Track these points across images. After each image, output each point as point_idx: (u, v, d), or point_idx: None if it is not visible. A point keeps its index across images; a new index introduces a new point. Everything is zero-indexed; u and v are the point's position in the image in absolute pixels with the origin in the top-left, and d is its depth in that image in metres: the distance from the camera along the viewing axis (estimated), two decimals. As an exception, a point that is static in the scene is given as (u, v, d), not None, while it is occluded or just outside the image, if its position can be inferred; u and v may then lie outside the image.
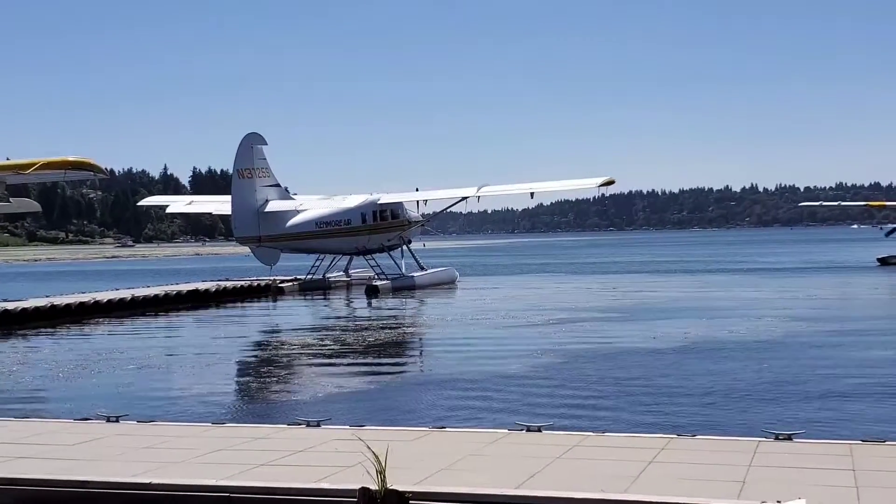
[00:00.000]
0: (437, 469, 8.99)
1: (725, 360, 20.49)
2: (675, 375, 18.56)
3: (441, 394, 17.17)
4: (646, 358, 21.11)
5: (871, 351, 21.85)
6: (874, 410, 14.77)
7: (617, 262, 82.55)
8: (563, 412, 14.92)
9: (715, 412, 14.83)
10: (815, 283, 48.59)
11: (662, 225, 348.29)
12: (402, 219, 52.72)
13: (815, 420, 13.87)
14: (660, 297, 41.02)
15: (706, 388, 16.93)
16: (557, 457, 9.52)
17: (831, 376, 18.02)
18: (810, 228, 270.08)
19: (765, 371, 18.83)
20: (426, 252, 59.00)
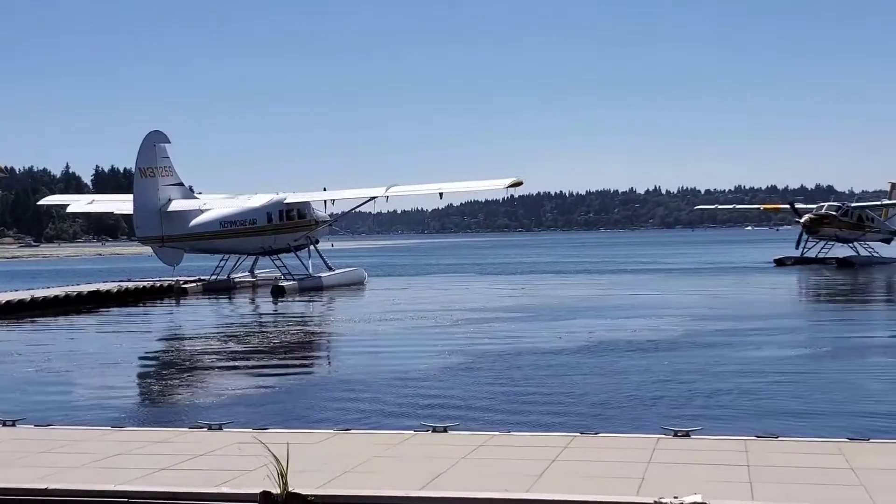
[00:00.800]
0: (341, 471, 8.95)
1: (629, 359, 20.85)
2: (581, 374, 18.81)
3: (347, 395, 17.10)
4: (552, 358, 21.34)
5: (768, 349, 22.46)
6: (769, 407, 15.17)
7: (525, 263, 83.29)
8: (470, 412, 15.00)
9: (617, 410, 15.07)
10: (716, 283, 49.77)
11: (570, 226, 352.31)
12: (309, 218, 52.35)
13: (713, 417, 14.20)
14: (566, 297, 41.52)
15: (610, 387, 17.20)
16: (463, 457, 9.56)
17: (729, 374, 18.46)
18: (710, 230, 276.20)
19: (665, 369, 19.21)
20: (334, 252, 58.77)
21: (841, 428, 12.77)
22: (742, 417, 14.28)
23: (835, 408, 15.04)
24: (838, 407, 15.11)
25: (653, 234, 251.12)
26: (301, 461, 8.86)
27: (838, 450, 9.69)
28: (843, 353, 21.46)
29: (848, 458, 9.28)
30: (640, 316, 30.93)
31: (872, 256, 66.13)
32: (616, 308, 34.43)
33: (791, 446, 10.03)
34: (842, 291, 43.91)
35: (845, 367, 19.23)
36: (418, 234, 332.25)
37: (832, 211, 64.92)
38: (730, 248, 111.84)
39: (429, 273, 68.58)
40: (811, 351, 21.98)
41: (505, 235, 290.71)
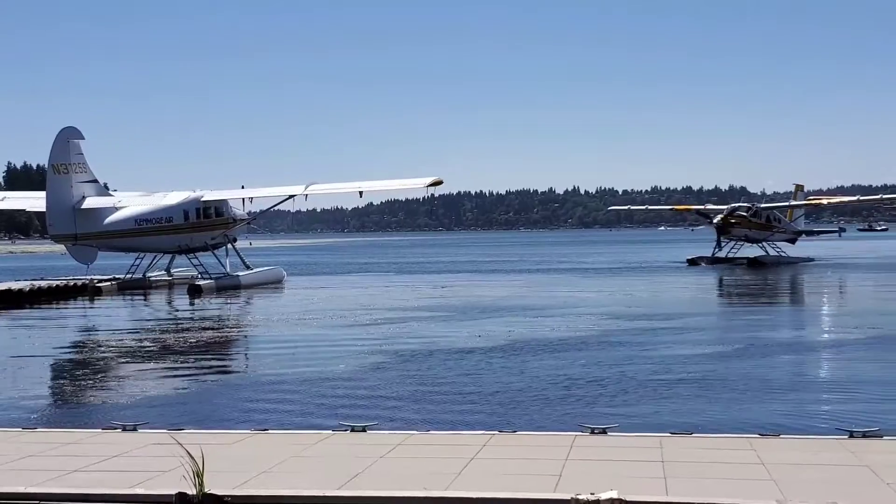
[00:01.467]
0: (258, 472, 8.86)
1: (547, 358, 21.04)
2: (500, 373, 18.92)
3: (265, 395, 16.94)
4: (471, 356, 21.42)
5: (682, 348, 22.85)
6: (683, 404, 15.44)
7: (444, 262, 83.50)
8: (389, 412, 14.99)
9: (536, 408, 15.19)
10: (631, 282, 50.52)
11: (490, 225, 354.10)
12: (227, 216, 51.78)
13: (630, 414, 14.40)
14: (485, 296, 41.72)
15: (528, 385, 17.33)
16: (381, 456, 9.54)
17: (645, 372, 18.74)
18: (628, 230, 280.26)
19: (583, 367, 19.43)
20: (252, 251, 58.17)
21: (752, 424, 13.05)
22: (658, 414, 14.50)
23: (746, 404, 15.36)
24: (749, 403, 15.43)
25: (571, 234, 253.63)
26: (217, 462, 8.76)
27: (749, 445, 9.91)
28: (754, 350, 21.93)
29: (759, 453, 9.50)
30: (557, 315, 31.23)
31: (781, 256, 67.84)
32: (534, 307, 34.72)
33: (704, 442, 10.23)
34: (755, 290, 44.90)
35: (757, 365, 19.65)
36: (338, 233, 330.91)
37: (742, 212, 66.44)
38: (646, 247, 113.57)
39: (348, 272, 68.32)
40: (724, 349, 22.42)
41: (425, 234, 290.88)
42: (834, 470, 8.81)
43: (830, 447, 9.81)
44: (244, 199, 52.26)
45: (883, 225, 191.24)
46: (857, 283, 47.74)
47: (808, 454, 9.48)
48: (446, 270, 68.07)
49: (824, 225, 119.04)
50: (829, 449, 9.72)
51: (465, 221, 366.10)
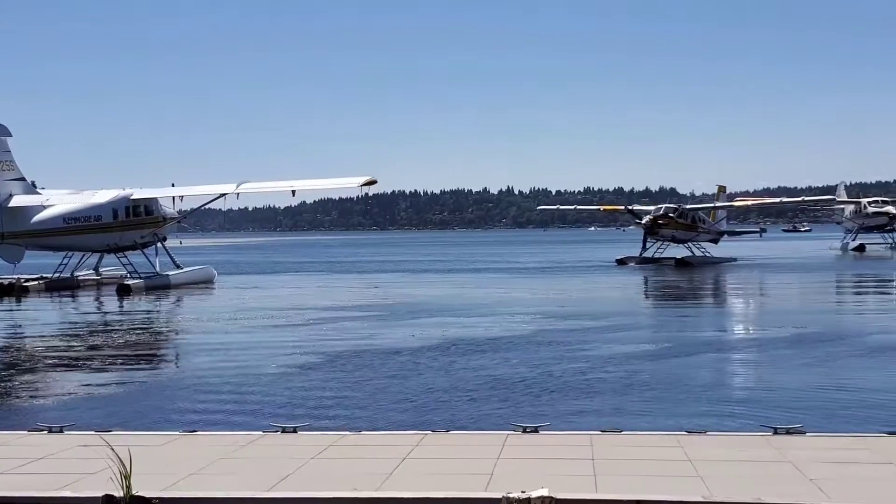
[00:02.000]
0: (187, 474, 8.76)
1: (481, 357, 21.12)
2: (433, 372, 18.95)
3: (194, 396, 16.75)
4: (405, 356, 21.41)
5: (613, 346, 23.10)
6: (614, 401, 15.62)
7: (379, 261, 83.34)
8: (321, 412, 14.93)
9: (470, 407, 15.25)
10: (563, 281, 50.98)
11: (424, 225, 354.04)
12: (157, 215, 51.11)
13: (561, 412, 14.53)
14: (420, 295, 41.75)
15: (462, 384, 17.38)
16: (312, 457, 9.49)
17: (576, 370, 18.91)
18: (561, 230, 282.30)
19: (516, 366, 19.54)
20: (182, 250, 57.49)
21: (680, 421, 13.25)
22: (588, 412, 14.65)
23: (674, 402, 15.59)
24: (677, 401, 15.66)
25: (505, 234, 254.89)
26: (145, 463, 8.64)
27: (677, 442, 10.05)
28: (682, 349, 22.25)
29: (686, 450, 9.64)
30: (491, 314, 31.37)
31: (706, 256, 69.00)
32: (469, 306, 34.83)
33: (633, 440, 10.36)
34: (683, 290, 45.58)
35: (684, 363, 19.95)
36: (270, 232, 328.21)
37: (670, 213, 67.46)
38: (577, 247, 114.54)
39: (280, 271, 67.86)
40: (653, 347, 22.72)
41: (359, 234, 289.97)
42: (759, 466, 8.98)
43: (755, 443, 10.00)
44: (174, 198, 51.62)
45: (807, 226, 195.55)
46: (780, 282, 48.70)
47: (733, 450, 9.65)
48: (380, 270, 67.97)
49: (751, 226, 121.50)
50: (754, 445, 9.91)
51: (400, 221, 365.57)
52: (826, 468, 8.83)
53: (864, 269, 59.54)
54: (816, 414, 14.13)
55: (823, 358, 20.27)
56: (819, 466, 8.89)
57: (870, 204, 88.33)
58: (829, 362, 19.67)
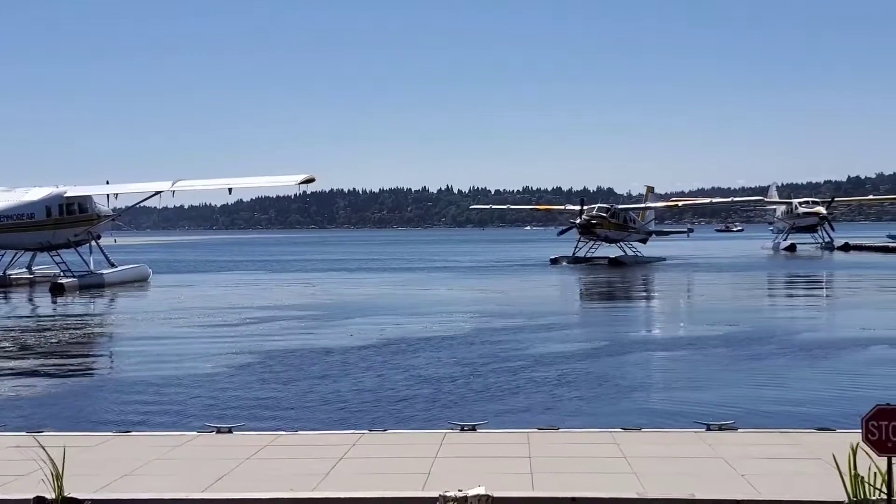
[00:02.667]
0: (120, 475, 8.65)
1: (419, 356, 21.13)
2: (371, 371, 18.91)
3: (128, 397, 16.52)
4: (342, 355, 21.35)
5: (549, 344, 23.27)
6: (551, 399, 15.73)
7: (317, 260, 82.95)
8: (257, 412, 14.82)
9: (408, 406, 15.24)
10: (499, 280, 51.20)
11: (363, 223, 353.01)
12: (91, 213, 50.30)
13: (499, 411, 14.60)
14: (358, 294, 41.66)
15: (401, 383, 17.38)
16: (248, 458, 9.43)
17: (514, 368, 19.01)
18: (500, 229, 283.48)
19: (454, 365, 19.59)
20: (117, 248, 56.60)
21: (616, 418, 13.40)
22: (526, 410, 14.74)
23: (610, 399, 15.75)
24: (613, 398, 15.83)
25: (444, 233, 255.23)
26: (78, 464, 8.52)
27: (612, 439, 10.18)
28: (617, 347, 22.48)
29: (621, 447, 9.77)
30: (429, 313, 31.39)
31: (637, 256, 69.82)
32: (407, 305, 34.82)
33: (569, 437, 10.46)
34: (617, 289, 46.05)
35: (620, 361, 20.16)
36: (206, 231, 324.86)
37: (602, 213, 68.10)
38: (514, 246, 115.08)
39: (217, 270, 67.21)
40: (589, 346, 22.90)
41: (297, 232, 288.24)
42: (692, 462, 9.12)
43: (688, 440, 10.16)
44: (109, 196, 50.85)
45: (739, 226, 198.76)
46: (712, 282, 49.40)
47: (667, 447, 9.80)
48: (318, 269, 67.64)
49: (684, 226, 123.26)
50: (688, 442, 10.07)
51: (338, 219, 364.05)
52: (757, 464, 9.01)
53: (794, 269, 60.66)
54: (748, 410, 14.37)
55: (754, 356, 20.61)
56: (750, 462, 9.06)
57: (801, 205, 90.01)
58: (760, 360, 20.01)
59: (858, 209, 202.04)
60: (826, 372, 18.45)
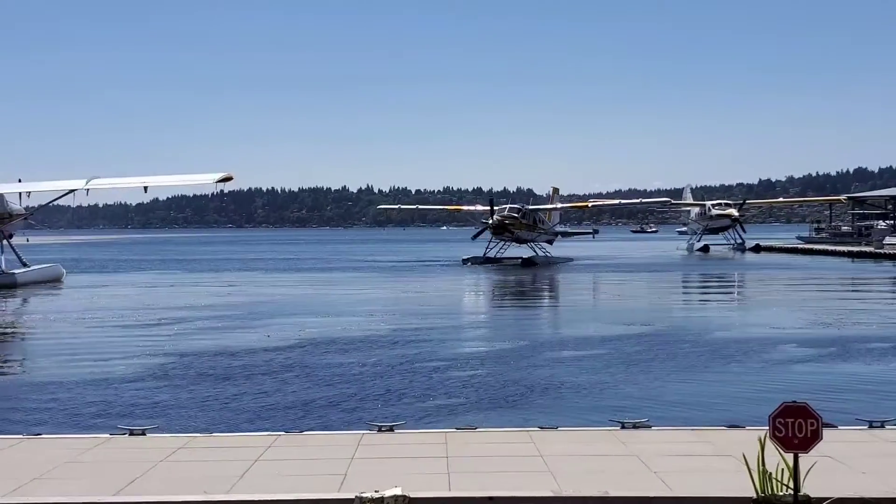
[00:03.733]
0: (30, 478, 8.46)
1: (338, 356, 21.05)
2: (289, 373, 18.77)
3: (39, 398, 16.15)
4: (260, 356, 21.17)
5: (467, 344, 23.41)
6: (469, 399, 15.80)
7: (235, 260, 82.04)
8: (171, 414, 14.63)
9: (324, 407, 15.18)
10: (417, 280, 51.30)
11: (282, 223, 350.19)
12: (2, 211, 49.00)
13: (417, 410, 14.62)
14: (276, 294, 41.32)
15: (318, 384, 17.29)
16: (161, 460, 9.30)
17: (431, 369, 19.05)
18: (421, 228, 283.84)
19: (372, 366, 19.56)
20: (29, 247, 55.30)
21: (532, 418, 13.52)
22: (444, 410, 14.79)
23: (526, 398, 15.88)
24: (529, 397, 15.96)
25: (364, 233, 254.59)
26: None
27: (529, 438, 10.27)
28: (533, 347, 22.66)
29: (538, 445, 9.86)
30: (346, 314, 31.29)
31: (548, 256, 70.49)
32: (325, 305, 34.67)
33: (487, 437, 10.53)
34: (533, 289, 46.47)
35: (535, 361, 20.32)
36: (121, 230, 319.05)
37: (514, 213, 68.46)
38: (433, 246, 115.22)
39: (132, 270, 66.07)
40: (505, 345, 23.04)
41: (214, 231, 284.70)
42: (606, 460, 9.25)
43: (604, 438, 10.30)
44: (21, 194, 49.58)
45: (653, 227, 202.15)
46: (626, 282, 50.15)
47: (582, 445, 9.93)
48: (235, 268, 66.92)
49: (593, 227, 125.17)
50: (603, 440, 10.21)
51: (257, 218, 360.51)
52: (670, 461, 9.17)
53: (708, 269, 61.88)
54: (662, 408, 14.63)
55: (669, 355, 20.97)
56: (663, 459, 9.23)
57: (714, 206, 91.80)
58: (674, 359, 20.36)
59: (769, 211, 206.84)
60: (737, 370, 18.87)
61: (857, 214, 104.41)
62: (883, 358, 20.41)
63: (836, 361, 20.04)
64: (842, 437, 10.16)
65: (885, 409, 13.62)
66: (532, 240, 70.48)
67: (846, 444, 9.76)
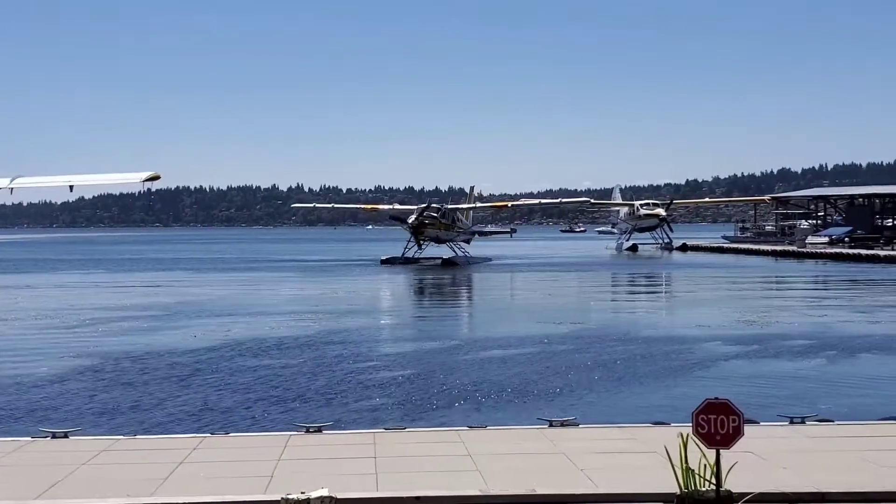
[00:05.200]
0: (-55, 485, 8.23)
1: (267, 357, 20.87)
2: (217, 374, 18.55)
3: (-43, 402, 15.74)
4: (186, 357, 20.90)
5: (396, 345, 23.39)
6: (398, 399, 15.79)
7: (162, 259, 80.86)
8: (94, 416, 14.37)
9: (253, 408, 15.04)
10: (341, 280, 51.10)
11: (211, 222, 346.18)
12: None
13: (348, 411, 14.58)
14: (203, 294, 40.82)
15: (246, 386, 17.12)
16: (84, 463, 9.13)
17: (361, 370, 19.00)
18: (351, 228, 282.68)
19: (300, 366, 19.43)
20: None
21: (462, 417, 13.56)
22: (373, 410, 14.75)
23: (456, 397, 15.90)
24: (460, 396, 15.99)
25: (294, 232, 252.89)
26: None
27: (458, 438, 10.28)
28: (463, 346, 22.72)
29: (467, 445, 9.88)
30: (273, 313, 31.06)
31: (467, 256, 70.57)
32: (250, 305, 34.36)
33: (416, 437, 10.52)
34: (456, 288, 46.65)
35: (465, 360, 20.38)
36: (46, 229, 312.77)
37: (433, 213, 68.22)
38: (360, 245, 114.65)
39: (57, 270, 64.76)
40: (436, 345, 23.06)
41: (141, 230, 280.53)
42: (534, 458, 9.31)
43: (532, 436, 10.36)
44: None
45: (581, 227, 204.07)
46: (555, 281, 50.55)
47: (511, 444, 9.97)
48: (162, 268, 65.98)
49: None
50: (531, 438, 10.27)
51: (185, 217, 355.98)
52: (596, 458, 9.26)
53: (636, 269, 62.66)
54: (590, 406, 14.77)
55: (598, 353, 21.17)
56: (590, 457, 9.31)
57: (642, 206, 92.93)
58: (604, 357, 20.56)
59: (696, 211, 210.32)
60: (664, 368, 19.12)
61: (781, 214, 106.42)
62: (804, 355, 20.86)
63: (759, 358, 20.43)
64: (764, 432, 10.35)
65: (806, 404, 13.94)
66: (451, 240, 70.32)
67: (768, 439, 9.94)
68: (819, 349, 21.60)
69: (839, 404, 14.57)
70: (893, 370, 18.91)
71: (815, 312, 30.51)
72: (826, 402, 14.77)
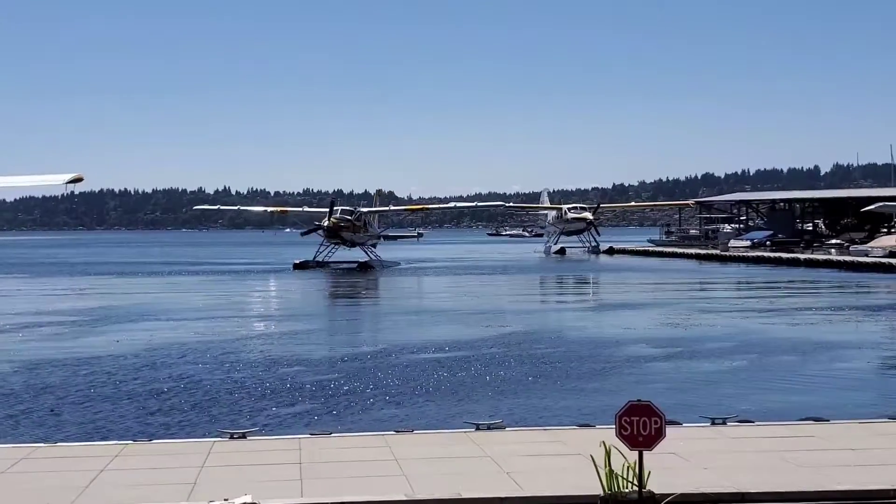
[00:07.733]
0: None
1: (190, 363, 20.60)
2: (139, 380, 18.25)
3: None
4: (109, 362, 20.53)
5: (321, 350, 23.27)
6: (324, 405, 15.70)
7: (85, 263, 79.33)
8: (12, 424, 14.05)
9: (176, 415, 14.83)
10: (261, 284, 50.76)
11: (135, 225, 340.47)
12: None
13: (274, 416, 14.46)
14: (125, 300, 40.15)
15: (170, 391, 16.87)
16: (3, 471, 8.96)
17: (289, 374, 18.87)
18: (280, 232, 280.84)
19: (226, 372, 19.22)
20: None
21: (388, 422, 13.54)
22: (299, 415, 14.65)
23: (383, 402, 15.88)
24: (386, 401, 15.97)
25: (220, 235, 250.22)
26: None
27: (385, 442, 10.27)
28: (388, 351, 22.66)
29: (393, 449, 9.87)
30: (194, 318, 30.72)
31: (381, 260, 70.50)
32: (177, 310, 33.88)
33: (342, 442, 10.49)
34: (378, 292, 46.65)
35: (393, 364, 20.35)
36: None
37: (347, 216, 67.97)
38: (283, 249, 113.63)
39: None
40: (364, 350, 23.01)
41: (64, 234, 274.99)
42: (461, 462, 9.33)
43: (459, 440, 10.39)
44: None
45: (508, 230, 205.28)
46: (484, 284, 50.76)
47: (438, 448, 9.99)
48: (85, 272, 64.76)
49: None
50: (458, 442, 10.30)
51: (109, 220, 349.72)
52: (522, 461, 9.32)
53: (564, 271, 63.22)
54: (516, 409, 14.85)
55: (525, 356, 21.30)
56: (516, 460, 9.37)
57: (570, 210, 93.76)
58: (531, 360, 20.70)
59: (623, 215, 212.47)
60: (590, 370, 19.30)
61: (705, 218, 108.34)
62: (725, 356, 21.23)
63: (682, 360, 20.75)
64: (686, 434, 10.51)
65: (727, 405, 14.19)
66: (363, 243, 70.14)
67: (690, 440, 10.10)
68: (740, 351, 22.02)
69: (759, 405, 14.85)
70: (812, 371, 19.31)
71: (736, 315, 31.08)
72: (746, 403, 15.03)
